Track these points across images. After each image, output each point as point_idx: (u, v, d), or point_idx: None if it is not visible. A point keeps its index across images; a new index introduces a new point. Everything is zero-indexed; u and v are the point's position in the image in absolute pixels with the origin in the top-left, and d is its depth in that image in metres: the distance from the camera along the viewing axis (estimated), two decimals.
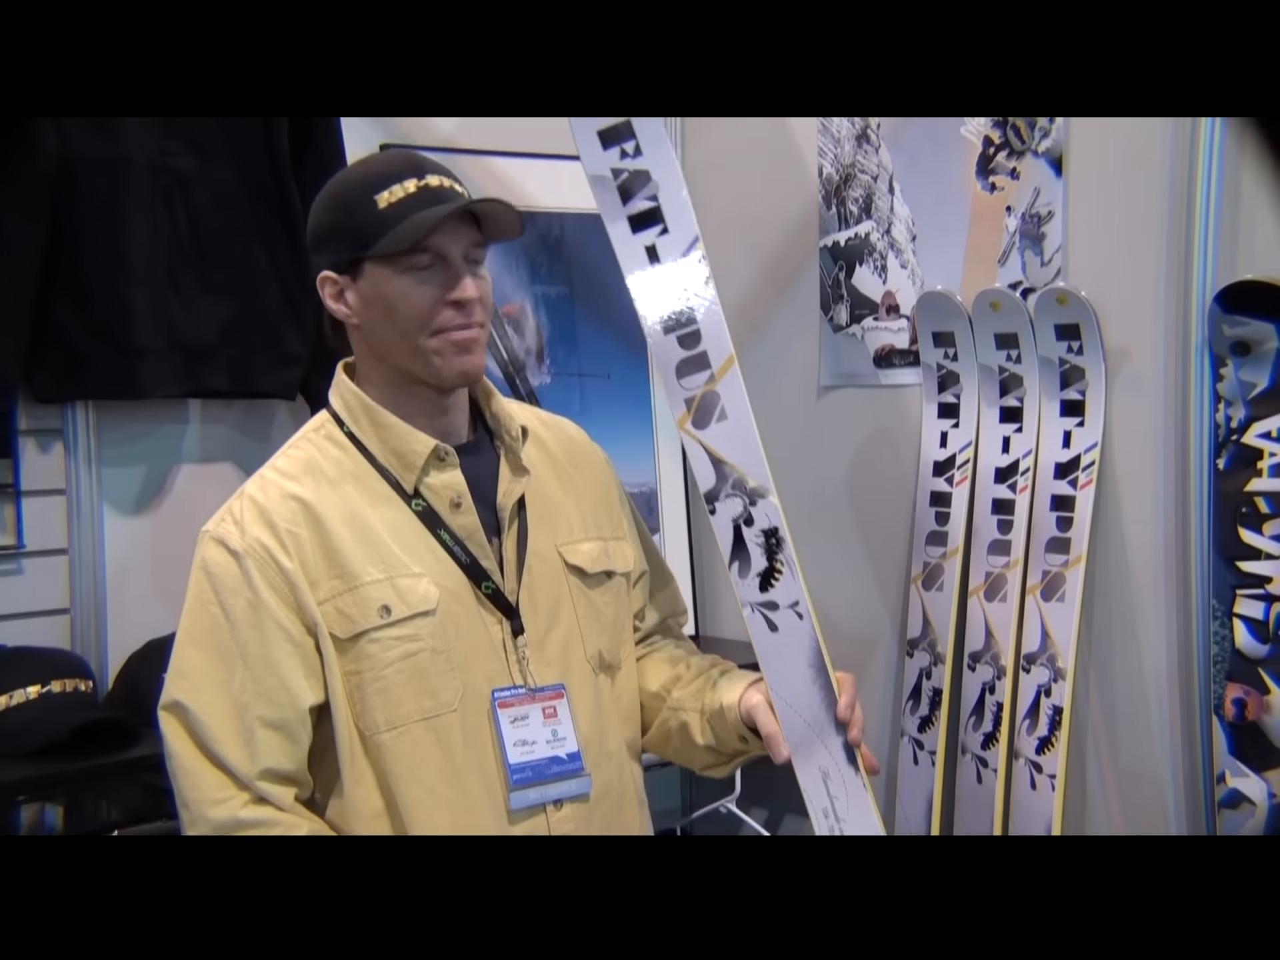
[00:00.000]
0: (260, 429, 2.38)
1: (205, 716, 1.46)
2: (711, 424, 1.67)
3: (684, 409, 1.68)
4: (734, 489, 1.66)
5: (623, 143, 1.67)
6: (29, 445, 2.16)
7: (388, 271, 1.49)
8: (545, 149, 2.60)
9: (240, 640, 1.47)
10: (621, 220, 1.69)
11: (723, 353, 1.68)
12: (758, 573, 1.65)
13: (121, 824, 1.98)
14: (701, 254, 1.69)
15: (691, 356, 1.68)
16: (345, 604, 1.48)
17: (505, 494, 1.57)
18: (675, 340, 1.68)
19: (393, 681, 1.48)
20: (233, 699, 1.46)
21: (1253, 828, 1.92)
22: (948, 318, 2.29)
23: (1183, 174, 2.00)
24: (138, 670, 2.13)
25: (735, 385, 1.68)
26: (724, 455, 1.66)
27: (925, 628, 2.33)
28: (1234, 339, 1.94)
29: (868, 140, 2.47)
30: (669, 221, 1.70)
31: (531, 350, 2.61)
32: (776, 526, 1.65)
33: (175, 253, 2.19)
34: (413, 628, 1.49)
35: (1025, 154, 2.23)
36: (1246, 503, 1.94)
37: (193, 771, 1.46)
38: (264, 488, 1.52)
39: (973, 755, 2.24)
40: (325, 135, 2.30)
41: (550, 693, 1.56)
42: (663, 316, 1.69)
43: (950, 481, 2.30)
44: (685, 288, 1.69)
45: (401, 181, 1.49)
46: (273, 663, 1.47)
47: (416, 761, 1.49)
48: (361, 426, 1.54)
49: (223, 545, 1.49)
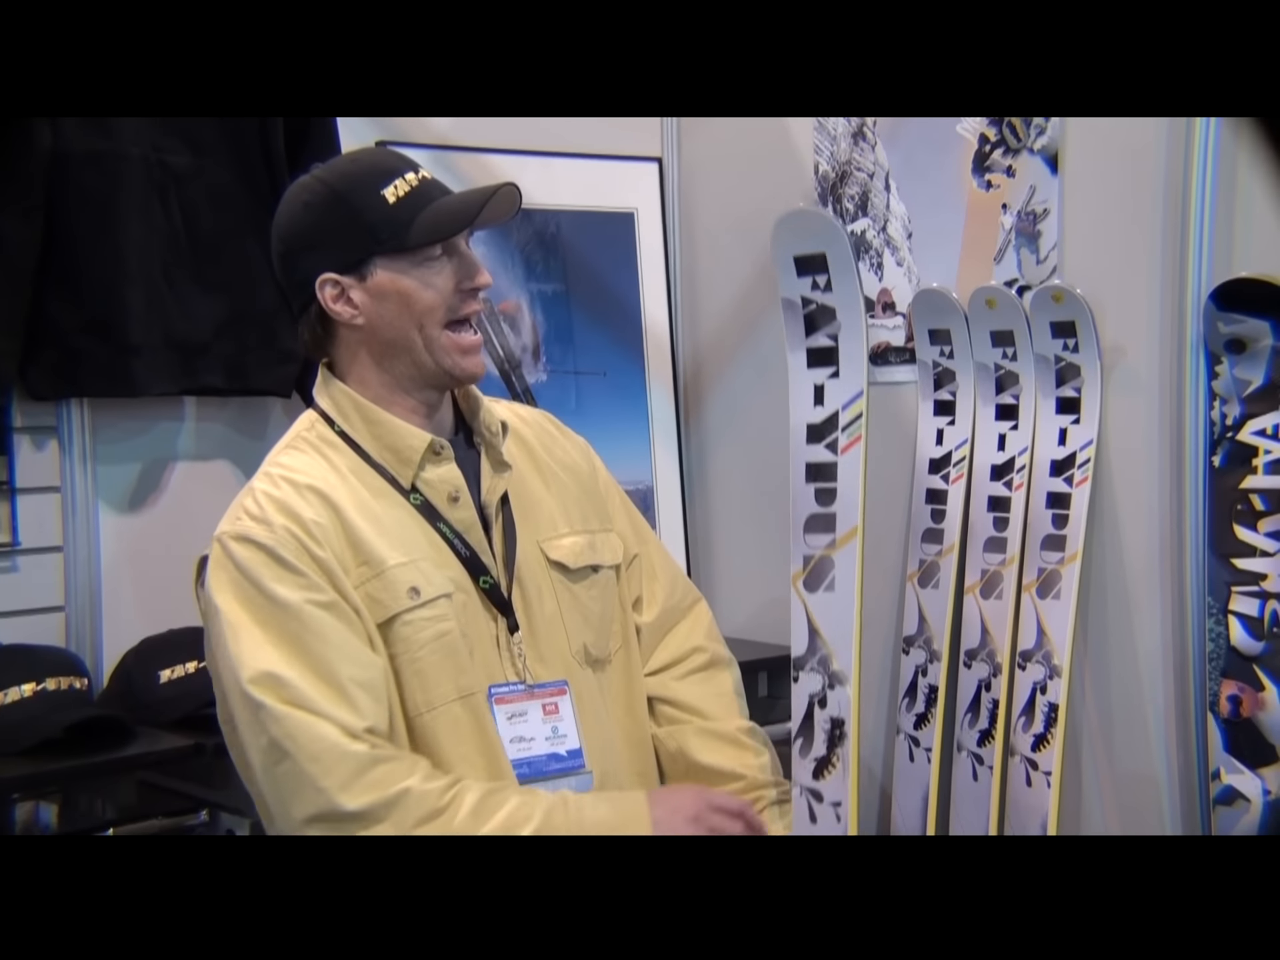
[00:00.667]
0: (256, 427, 2.38)
1: (301, 683, 1.40)
2: (819, 590, 1.64)
3: (801, 565, 1.66)
4: (819, 665, 1.64)
5: (816, 273, 1.63)
6: (24, 443, 2.16)
7: (403, 265, 1.49)
8: (541, 146, 2.60)
9: (302, 618, 1.42)
10: (801, 351, 1.68)
11: (850, 521, 1.65)
12: (815, 758, 1.63)
13: (116, 822, 1.98)
14: (860, 414, 1.64)
15: (823, 514, 1.66)
16: (375, 589, 1.48)
17: (489, 491, 1.57)
18: (813, 492, 1.66)
19: (428, 662, 1.48)
20: (319, 667, 1.41)
21: (1247, 824, 1.93)
22: (943, 315, 2.29)
23: (1178, 172, 2.00)
24: (132, 668, 2.13)
25: (851, 559, 1.65)
26: (820, 627, 1.63)
27: (921, 625, 2.33)
28: (1229, 336, 1.94)
29: (864, 138, 2.47)
30: (842, 367, 1.68)
31: (527, 348, 2.61)
32: (844, 720, 1.62)
33: (170, 250, 2.18)
34: (440, 608, 1.49)
35: (1021, 152, 2.23)
36: (1241, 500, 1.94)
37: (313, 723, 1.39)
38: (276, 484, 1.50)
39: (968, 752, 2.24)
40: (321, 133, 2.30)
41: (552, 689, 1.56)
42: (810, 462, 1.66)
43: (946, 479, 2.30)
44: (837, 441, 1.66)
45: (403, 175, 1.50)
46: (341, 631, 1.44)
47: (458, 739, 1.48)
48: (354, 425, 1.54)
49: (250, 541, 1.45)
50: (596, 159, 2.71)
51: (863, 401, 1.61)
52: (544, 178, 2.63)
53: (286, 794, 1.41)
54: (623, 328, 2.70)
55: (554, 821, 1.43)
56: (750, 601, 2.60)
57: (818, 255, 1.57)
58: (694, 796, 1.53)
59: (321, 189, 1.52)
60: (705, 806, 1.51)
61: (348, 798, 1.38)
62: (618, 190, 2.74)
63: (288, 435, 1.58)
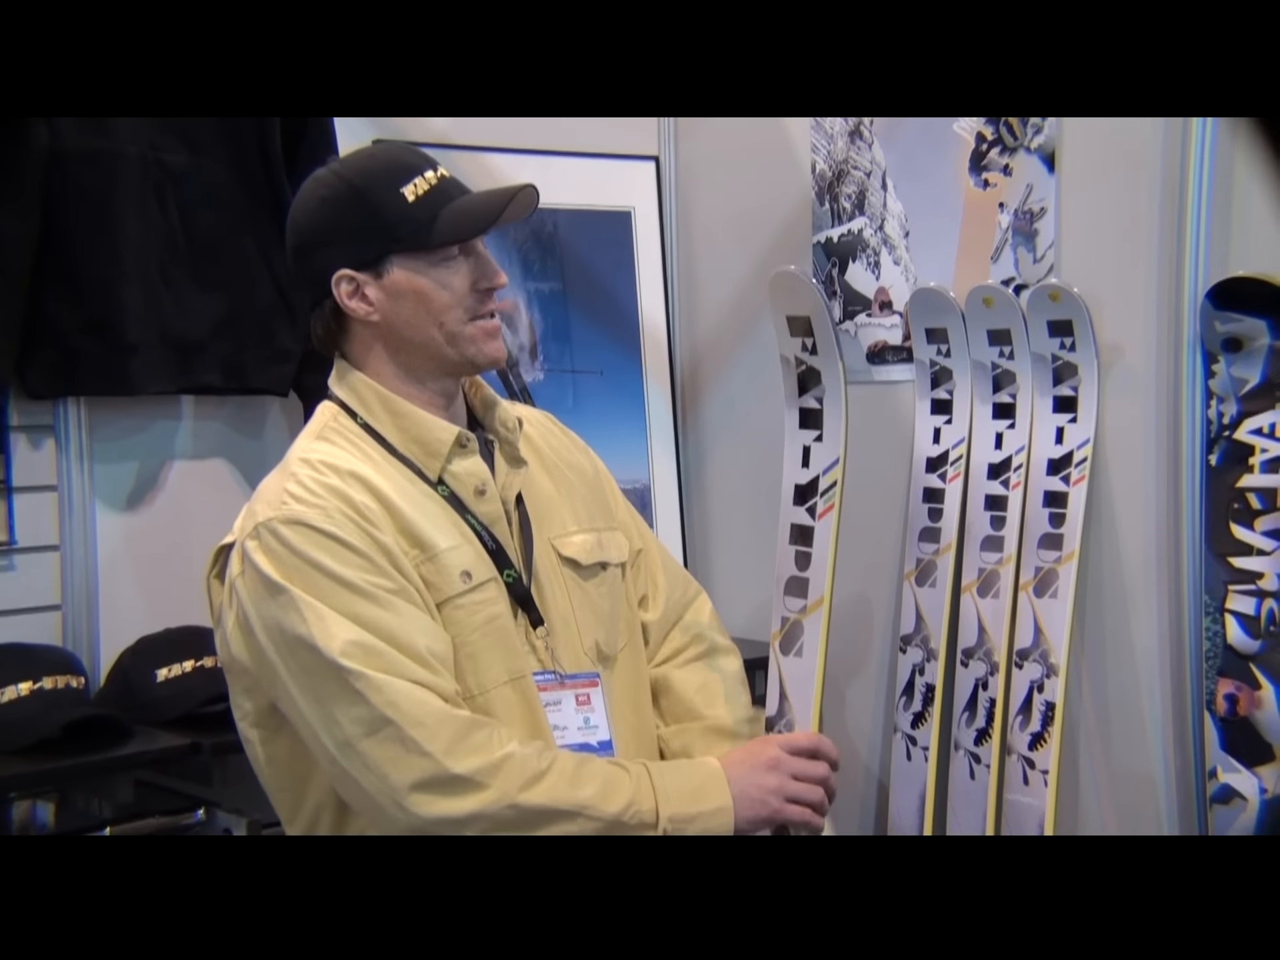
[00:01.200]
0: (253, 425, 2.37)
1: (392, 651, 1.39)
2: (790, 655, 1.65)
3: (778, 626, 1.67)
4: (785, 729, 1.67)
5: (804, 336, 1.64)
6: (20, 441, 2.16)
7: (421, 263, 1.49)
8: (539, 145, 2.60)
9: (374, 597, 1.41)
10: (795, 409, 1.69)
11: (820, 589, 1.66)
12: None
13: (113, 821, 1.98)
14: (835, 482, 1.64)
15: (800, 578, 1.66)
16: (428, 572, 1.47)
17: (504, 487, 1.57)
18: (793, 554, 1.66)
19: (480, 646, 1.48)
20: (400, 639, 1.40)
21: (1244, 822, 1.93)
22: (941, 314, 2.29)
23: (1175, 170, 2.00)
24: (129, 667, 2.13)
25: (817, 628, 1.65)
26: (789, 692, 1.65)
27: (918, 624, 2.33)
28: (1226, 335, 1.94)
29: (861, 137, 2.47)
30: (825, 430, 1.68)
31: (525, 346, 2.61)
32: None
33: (167, 248, 2.18)
34: (490, 591, 1.50)
35: (1018, 150, 2.23)
36: (1238, 498, 1.94)
37: (414, 691, 1.38)
38: (318, 469, 1.47)
39: (965, 751, 2.24)
40: (318, 131, 2.29)
41: (585, 680, 1.56)
42: (794, 524, 1.67)
43: (943, 478, 2.30)
44: (815, 506, 1.66)
45: (422, 174, 1.50)
46: (410, 609, 1.43)
47: (511, 721, 1.48)
48: (378, 417, 1.53)
49: (304, 525, 1.41)
50: (594, 158, 2.71)
51: (839, 470, 1.62)
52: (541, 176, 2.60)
53: (388, 762, 1.38)
54: (620, 326, 2.69)
55: (642, 790, 1.44)
56: (747, 600, 2.60)
57: (803, 318, 1.59)
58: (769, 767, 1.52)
59: (340, 184, 1.50)
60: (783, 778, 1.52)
61: (454, 761, 1.38)
62: (615, 189, 2.74)
63: (312, 425, 1.56)
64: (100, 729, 1.97)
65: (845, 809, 2.55)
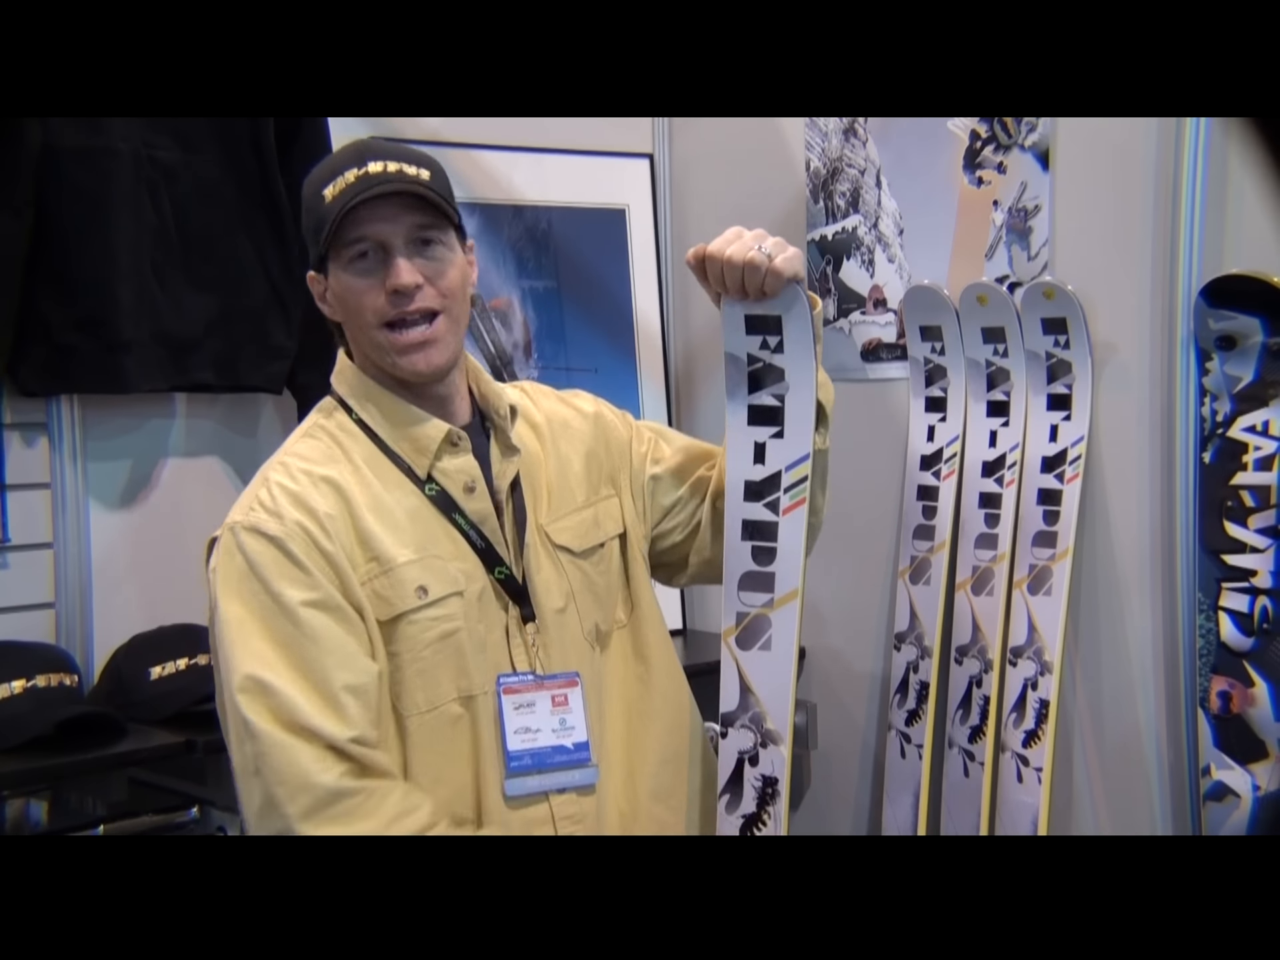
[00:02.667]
0: (246, 423, 2.37)
1: (290, 690, 1.41)
2: (754, 649, 1.60)
3: (733, 622, 1.61)
4: (751, 722, 1.61)
5: (768, 334, 1.57)
6: (14, 439, 2.15)
7: (338, 266, 1.49)
8: (533, 143, 2.60)
9: (301, 622, 1.43)
10: (742, 406, 1.61)
11: (791, 583, 1.60)
12: (744, 815, 1.61)
13: (107, 819, 1.98)
14: (805, 477, 1.59)
15: (759, 573, 1.60)
16: (382, 586, 1.47)
17: (499, 476, 1.57)
18: (750, 550, 1.61)
19: (431, 662, 1.48)
20: (312, 673, 1.42)
21: (1237, 819, 1.93)
22: (935, 312, 2.29)
23: (1168, 168, 2.00)
24: (122, 665, 2.13)
25: (790, 621, 1.60)
26: (754, 685, 1.61)
27: (912, 621, 2.33)
28: (1219, 333, 1.95)
29: (855, 135, 2.47)
30: (788, 428, 1.60)
31: (519, 344, 2.61)
32: (778, 779, 1.60)
33: (160, 246, 2.18)
34: (448, 607, 1.49)
35: (1012, 148, 2.23)
36: (1231, 496, 1.95)
37: (288, 746, 1.40)
38: (292, 474, 1.49)
39: (959, 749, 2.25)
40: (311, 129, 2.29)
41: (562, 680, 1.55)
42: (747, 519, 1.61)
43: (937, 475, 2.30)
44: (778, 501, 1.61)
45: (344, 173, 1.48)
46: (339, 637, 1.44)
47: (452, 739, 1.49)
48: (371, 413, 1.54)
49: (260, 534, 1.45)
50: (588, 155, 2.71)
51: (807, 465, 1.58)
52: (535, 174, 2.62)
53: (253, 805, 1.42)
54: (614, 324, 2.69)
55: None
56: None
57: (773, 317, 1.55)
58: None
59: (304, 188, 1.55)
60: None
61: (308, 827, 1.39)
62: (609, 186, 2.74)
63: (306, 421, 1.59)
64: (94, 727, 1.96)
65: (839, 807, 2.56)
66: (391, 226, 1.47)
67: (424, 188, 1.47)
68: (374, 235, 1.47)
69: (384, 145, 1.55)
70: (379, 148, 1.52)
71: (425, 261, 1.48)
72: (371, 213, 1.46)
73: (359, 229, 1.46)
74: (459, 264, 1.52)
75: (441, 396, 1.55)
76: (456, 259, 1.52)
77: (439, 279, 1.49)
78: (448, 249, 1.51)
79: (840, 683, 2.56)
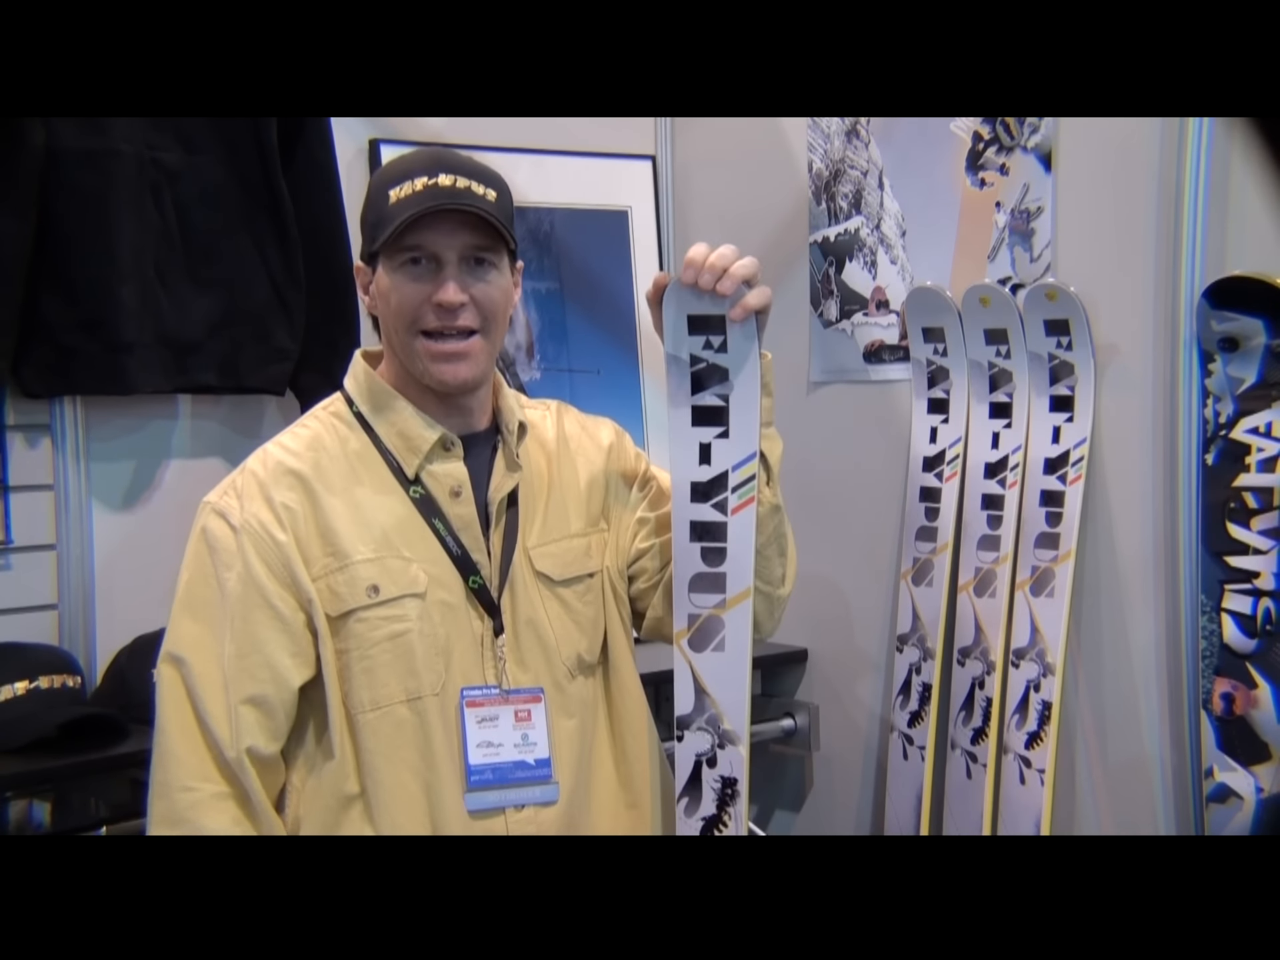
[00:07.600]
0: (249, 425, 2.37)
1: (201, 680, 1.47)
2: (707, 650, 1.59)
3: (685, 625, 1.60)
4: (707, 724, 1.61)
5: (711, 334, 1.56)
6: (17, 440, 2.15)
7: (388, 266, 1.51)
8: (535, 144, 2.60)
9: (230, 614, 1.48)
10: (685, 407, 1.59)
11: (743, 582, 1.59)
12: (703, 817, 1.60)
13: (109, 820, 1.98)
14: (752, 476, 1.58)
15: (710, 574, 1.59)
16: (336, 582, 1.50)
17: (495, 488, 1.57)
18: (699, 551, 1.59)
19: (378, 661, 1.49)
20: (222, 673, 1.47)
21: (1240, 821, 1.93)
22: (937, 313, 2.29)
23: (1171, 170, 2.00)
24: (125, 666, 2.13)
25: (743, 621, 1.60)
26: (709, 687, 1.60)
27: (915, 623, 2.33)
28: (1222, 334, 1.94)
29: (857, 136, 2.47)
30: (733, 428, 1.59)
31: (522, 345, 2.61)
32: (737, 779, 1.59)
33: (163, 247, 2.18)
34: (401, 608, 1.50)
35: (1014, 150, 2.23)
36: (1235, 498, 1.94)
37: (179, 740, 1.46)
38: (265, 462, 1.54)
39: (962, 750, 2.24)
40: (314, 130, 2.29)
41: (526, 695, 1.55)
42: (695, 520, 1.60)
43: (940, 477, 2.30)
44: (726, 501, 1.59)
45: (413, 179, 1.50)
46: (258, 641, 1.47)
47: (398, 743, 1.49)
48: (369, 408, 1.56)
49: (223, 518, 1.51)
50: (590, 157, 2.71)
51: (755, 464, 1.58)
52: (537, 175, 2.62)
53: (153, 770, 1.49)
54: (617, 325, 2.69)
55: None
56: None
57: (715, 317, 1.56)
58: None
59: (370, 182, 1.59)
60: None
61: (152, 828, 1.47)
62: (612, 188, 2.74)
63: (310, 410, 1.63)
64: (96, 728, 1.96)
65: (842, 808, 2.55)
66: (448, 241, 1.49)
67: (487, 210, 1.49)
68: (429, 246, 1.49)
69: (458, 159, 1.55)
70: (453, 160, 1.53)
71: (474, 281, 1.50)
72: (432, 225, 1.48)
73: (417, 237, 1.48)
74: (505, 287, 1.54)
75: (463, 405, 1.57)
76: (504, 282, 1.54)
77: (483, 300, 1.51)
78: (498, 271, 1.53)
79: (842, 684, 2.56)
